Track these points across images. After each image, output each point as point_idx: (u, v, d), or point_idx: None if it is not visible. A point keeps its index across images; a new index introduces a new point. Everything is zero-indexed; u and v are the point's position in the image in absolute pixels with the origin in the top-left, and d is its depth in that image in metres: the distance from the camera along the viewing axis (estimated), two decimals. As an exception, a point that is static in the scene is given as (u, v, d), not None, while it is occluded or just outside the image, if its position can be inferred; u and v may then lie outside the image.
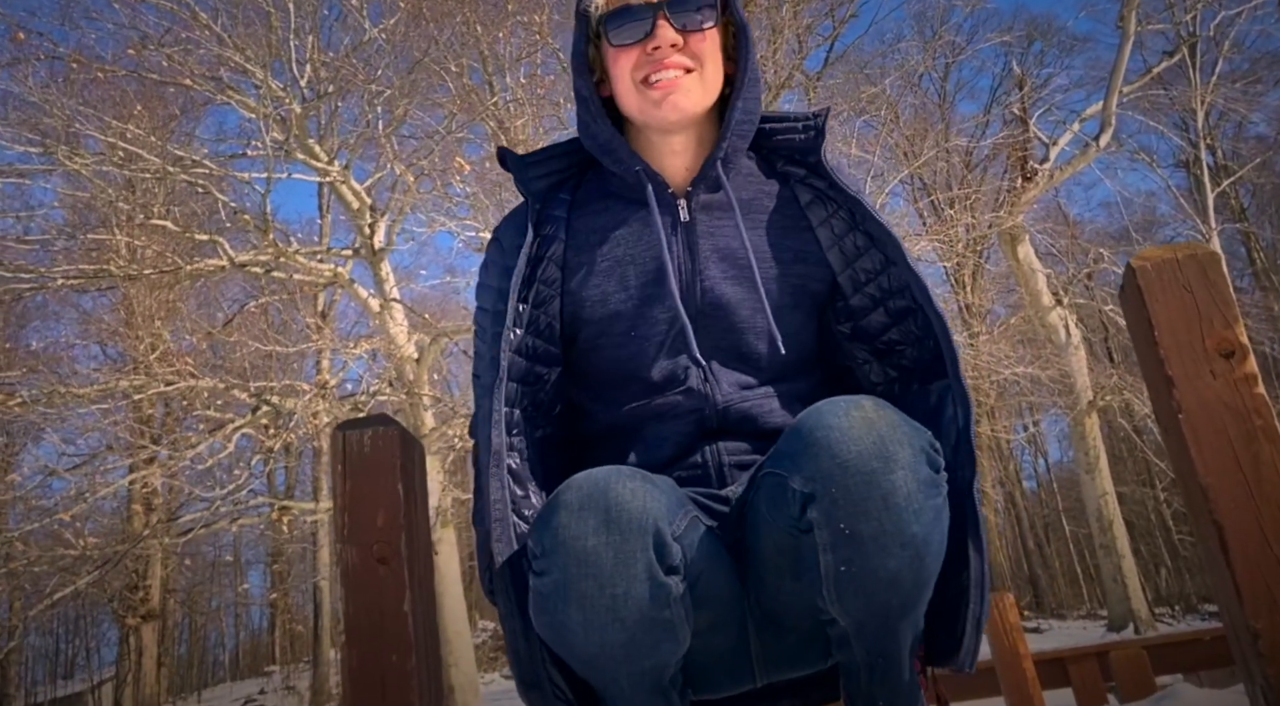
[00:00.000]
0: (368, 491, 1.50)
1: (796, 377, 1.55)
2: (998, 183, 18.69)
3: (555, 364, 1.54)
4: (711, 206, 1.54)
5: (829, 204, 1.55)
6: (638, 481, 1.19)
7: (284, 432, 10.97)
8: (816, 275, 1.55)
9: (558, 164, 1.62)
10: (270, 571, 30.24)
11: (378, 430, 1.53)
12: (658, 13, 1.47)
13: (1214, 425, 1.23)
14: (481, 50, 14.89)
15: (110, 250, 12.03)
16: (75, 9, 12.60)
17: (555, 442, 1.55)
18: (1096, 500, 17.00)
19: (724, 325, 1.50)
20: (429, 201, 13.58)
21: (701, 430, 1.48)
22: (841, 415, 1.15)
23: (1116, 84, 17.34)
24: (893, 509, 1.11)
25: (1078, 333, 17.83)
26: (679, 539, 1.20)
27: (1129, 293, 1.36)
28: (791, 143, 1.58)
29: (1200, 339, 1.26)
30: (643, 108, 1.51)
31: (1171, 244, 1.33)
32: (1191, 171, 23.41)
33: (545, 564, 1.16)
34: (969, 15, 19.69)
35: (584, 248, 1.54)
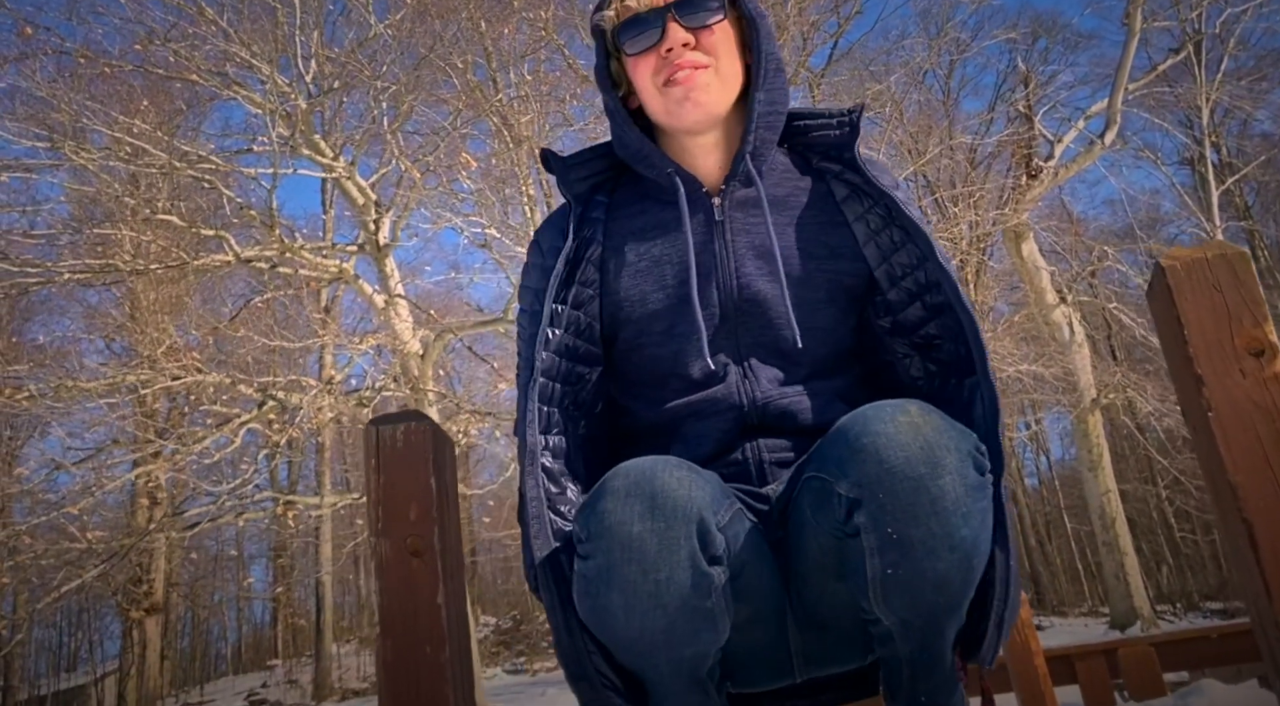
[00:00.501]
0: (401, 485, 1.52)
1: (835, 374, 1.56)
2: (1002, 180, 18.69)
3: (596, 363, 1.57)
4: (746, 203, 1.56)
5: (865, 199, 1.57)
6: (684, 470, 1.20)
7: (289, 428, 11.00)
8: (852, 270, 1.56)
9: (598, 166, 1.65)
10: (273, 565, 30.32)
11: (410, 425, 1.55)
12: (665, 15, 1.50)
13: (1243, 423, 1.25)
14: (485, 46, 14.90)
15: (116, 245, 12.05)
16: (82, 4, 12.65)
17: (597, 440, 1.58)
18: (1099, 497, 17.01)
19: (762, 321, 1.51)
20: (434, 197, 13.60)
21: (741, 427, 1.49)
22: (888, 420, 1.17)
23: (1122, 81, 17.32)
24: (941, 513, 1.13)
25: (1081, 330, 17.83)
26: (723, 529, 1.21)
27: (1157, 291, 1.37)
28: (826, 138, 1.60)
29: (1230, 338, 1.27)
30: (667, 109, 1.53)
31: (1201, 243, 1.34)
32: (1196, 169, 23.38)
33: (590, 548, 1.17)
34: (974, 12, 19.66)
35: (622, 249, 1.57)
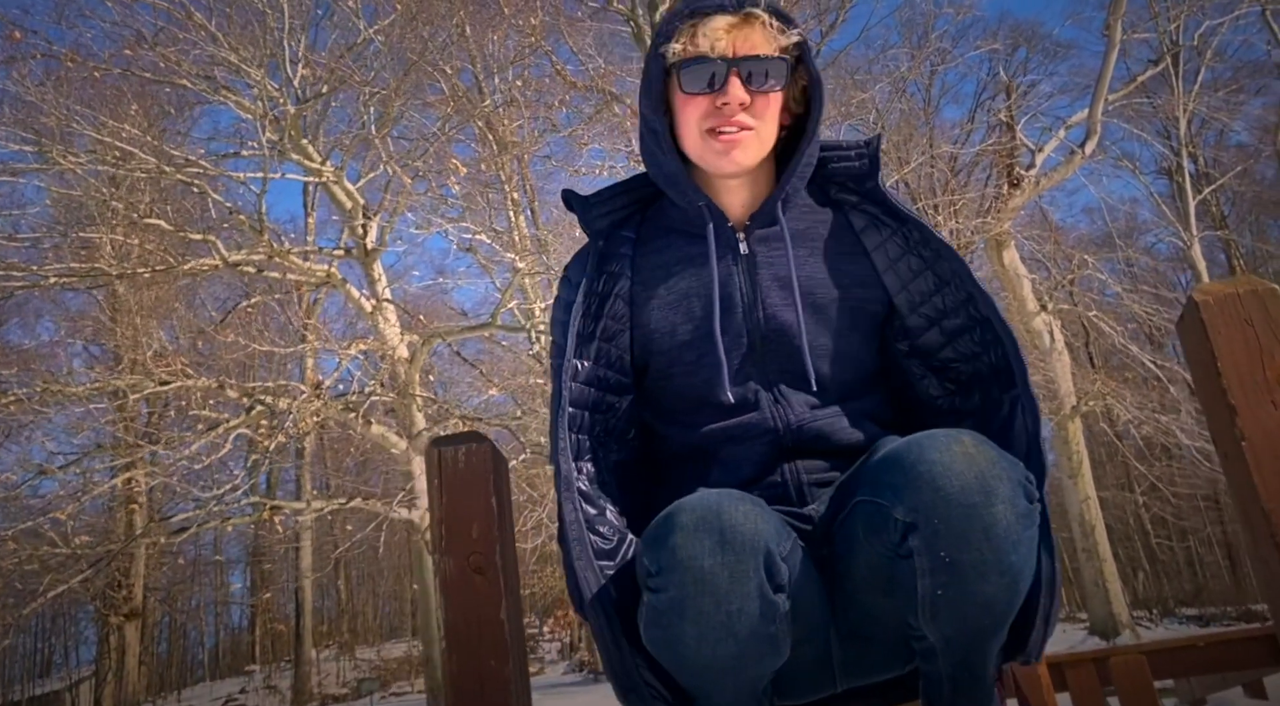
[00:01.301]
0: (463, 505, 1.57)
1: (862, 395, 1.62)
2: (983, 189, 18.86)
3: (626, 392, 1.64)
4: (769, 238, 1.61)
5: (883, 228, 1.63)
6: (748, 504, 1.26)
7: (278, 433, 10.99)
8: (874, 298, 1.62)
9: (619, 201, 1.70)
10: (250, 570, 30.12)
11: (471, 446, 1.61)
12: (731, 69, 1.53)
13: (1275, 452, 1.32)
14: (471, 51, 14.94)
15: (101, 249, 12.01)
16: (70, 8, 12.60)
17: (631, 464, 1.64)
18: (1079, 504, 17.20)
19: (789, 349, 1.57)
20: (423, 203, 13.61)
21: (778, 450, 1.55)
22: (943, 449, 1.22)
23: (1102, 91, 17.53)
24: (993, 540, 1.18)
25: (1061, 338, 18.02)
26: (785, 559, 1.27)
27: (1190, 324, 1.45)
28: (847, 170, 1.65)
29: (1261, 369, 1.35)
30: (704, 155, 1.58)
31: (1231, 279, 1.42)
32: (1174, 179, 23.68)
33: (662, 582, 1.22)
34: (956, 22, 19.84)
35: (650, 283, 1.63)
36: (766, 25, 1.53)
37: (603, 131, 14.92)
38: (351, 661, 28.58)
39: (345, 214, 13.44)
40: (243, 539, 27.87)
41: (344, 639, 30.48)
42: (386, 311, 13.00)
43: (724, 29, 1.52)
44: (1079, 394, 17.63)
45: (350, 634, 31.65)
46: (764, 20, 1.53)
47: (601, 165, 14.31)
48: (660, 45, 1.58)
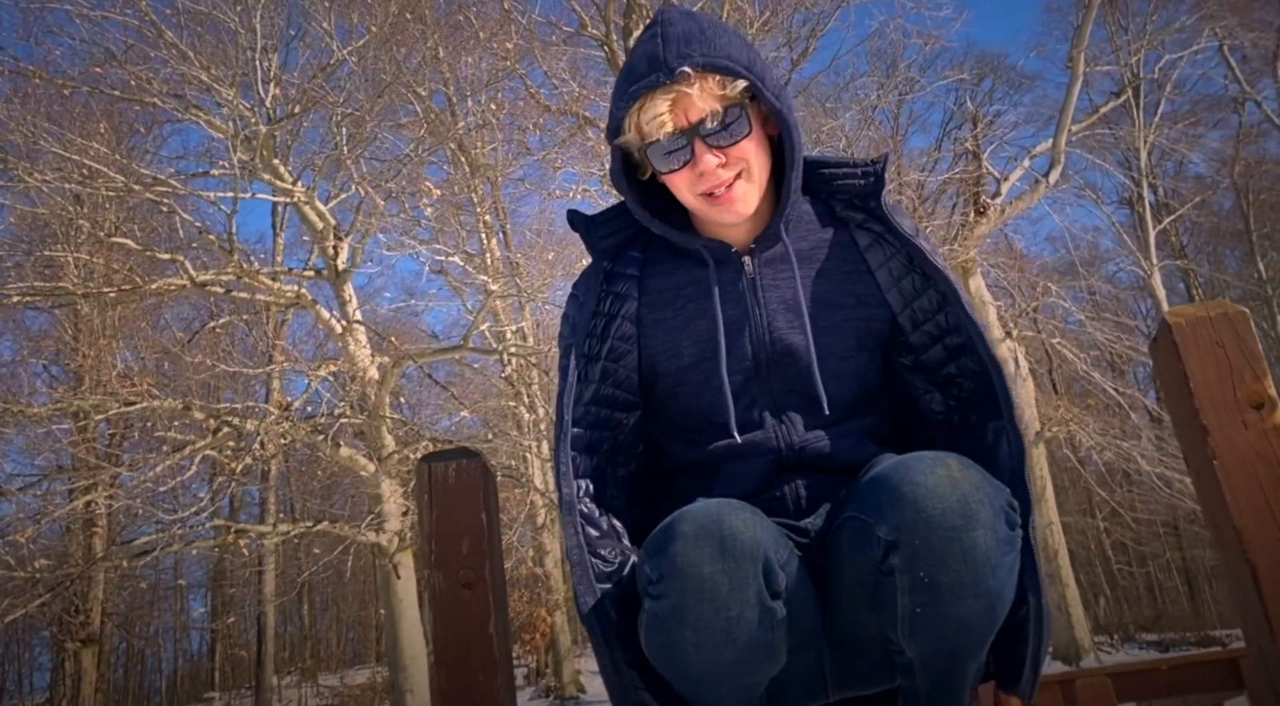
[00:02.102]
0: (453, 520, 1.59)
1: (865, 413, 1.65)
2: (950, 216, 19.09)
3: (634, 409, 1.67)
4: (774, 260, 1.64)
5: (887, 247, 1.65)
6: (747, 513, 1.29)
7: (244, 455, 10.88)
8: (878, 316, 1.65)
9: (626, 221, 1.70)
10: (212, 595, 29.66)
11: (462, 462, 1.63)
12: (693, 139, 1.52)
13: (1246, 471, 1.37)
14: (444, 74, 14.98)
15: (65, 267, 11.88)
16: (38, 25, 12.49)
17: (639, 477, 1.67)
18: (1042, 529, 17.35)
19: (795, 371, 1.60)
20: (395, 224, 13.60)
21: (779, 467, 1.58)
22: (928, 472, 1.25)
23: (1066, 122, 17.86)
24: (971, 563, 1.22)
25: (1025, 364, 18.24)
26: (783, 567, 1.30)
27: (1163, 347, 1.50)
28: (851, 187, 1.66)
29: (1232, 391, 1.40)
30: (707, 215, 1.60)
31: (1203, 302, 1.47)
32: (1134, 209, 24.10)
33: (662, 588, 1.25)
34: (925, 52, 20.14)
35: (658, 305, 1.65)
36: (705, 84, 1.51)
37: (576, 155, 15.01)
38: (314, 688, 28.16)
39: (316, 234, 13.38)
40: (205, 562, 27.47)
41: (307, 665, 30.04)
42: (357, 333, 12.93)
43: (666, 110, 1.51)
44: (1043, 420, 17.85)
45: (313, 660, 31.20)
46: (701, 80, 1.50)
47: (575, 188, 14.39)
48: (614, 138, 1.58)
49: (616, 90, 1.56)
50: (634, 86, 1.51)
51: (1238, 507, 1.36)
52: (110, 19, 11.91)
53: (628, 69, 1.55)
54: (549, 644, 20.73)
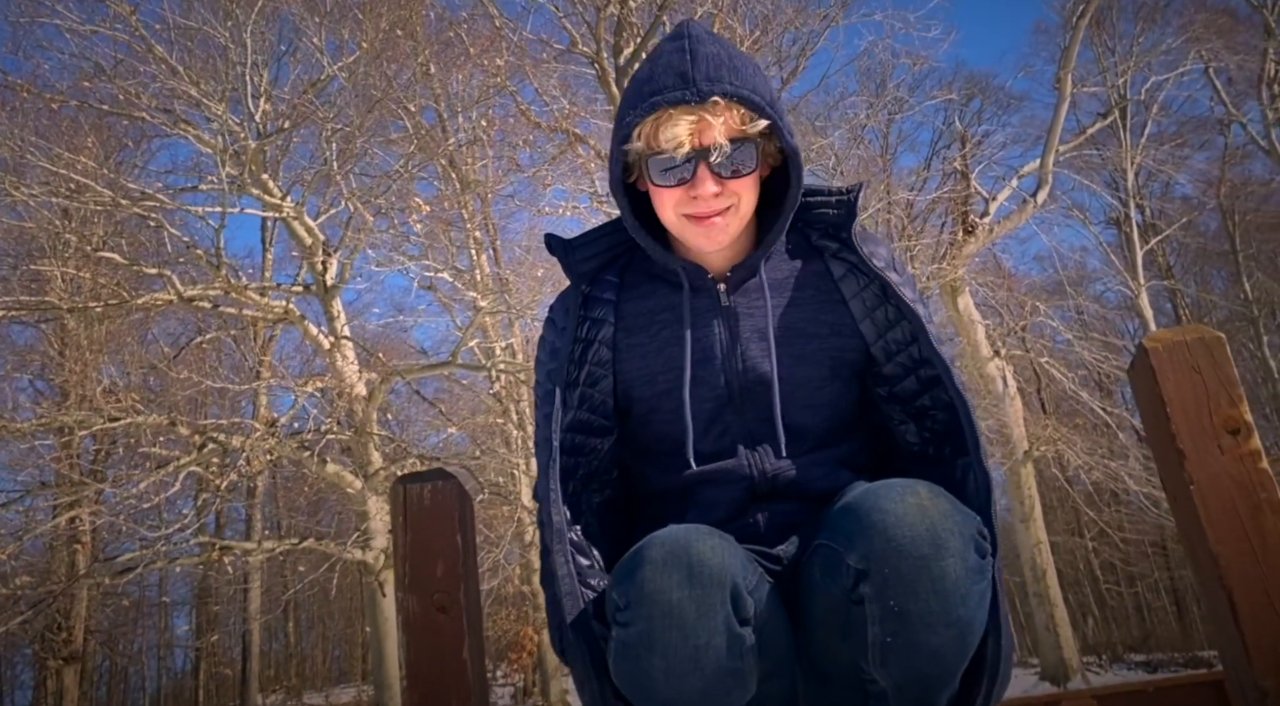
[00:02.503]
0: (428, 542, 1.58)
1: (839, 442, 1.65)
2: (939, 235, 19.17)
3: (609, 434, 1.66)
4: (750, 289, 1.64)
5: (861, 277, 1.64)
6: (716, 539, 1.28)
7: (230, 471, 10.82)
8: (852, 346, 1.64)
9: (604, 244, 1.70)
10: (197, 612, 29.45)
11: (437, 484, 1.61)
12: (699, 162, 1.51)
13: (1222, 497, 1.37)
14: (435, 90, 15.01)
15: (51, 281, 11.84)
16: (28, 39, 12.49)
17: (613, 504, 1.67)
18: (1030, 549, 17.36)
19: (767, 400, 1.59)
20: (384, 240, 13.59)
21: (752, 495, 1.58)
22: (898, 500, 1.25)
23: (1053, 143, 17.99)
24: (941, 592, 1.21)
25: (1014, 383, 18.27)
26: (752, 592, 1.29)
27: (1140, 371, 1.50)
28: (825, 217, 1.66)
29: (1209, 416, 1.40)
30: (684, 236, 1.59)
31: (1180, 326, 1.47)
32: (1121, 229, 24.24)
33: (630, 616, 1.24)
34: (913, 72, 20.27)
35: (633, 330, 1.64)
36: (729, 113, 1.50)
37: (566, 172, 15.04)
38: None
39: (305, 250, 13.37)
40: (189, 579, 27.25)
41: (292, 683, 29.82)
42: (344, 348, 12.90)
43: (686, 128, 1.49)
44: (1031, 439, 17.86)
45: (299, 678, 30.97)
46: (726, 108, 1.49)
47: (564, 205, 14.40)
48: (622, 144, 1.56)
49: (633, 95, 1.53)
50: (656, 97, 1.49)
51: (1214, 533, 1.36)
52: (100, 33, 11.92)
53: (648, 77, 1.53)
54: (536, 663, 20.62)
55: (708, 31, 1.57)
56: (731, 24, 15.49)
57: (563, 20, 15.39)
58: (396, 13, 13.07)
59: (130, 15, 11.51)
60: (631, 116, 1.51)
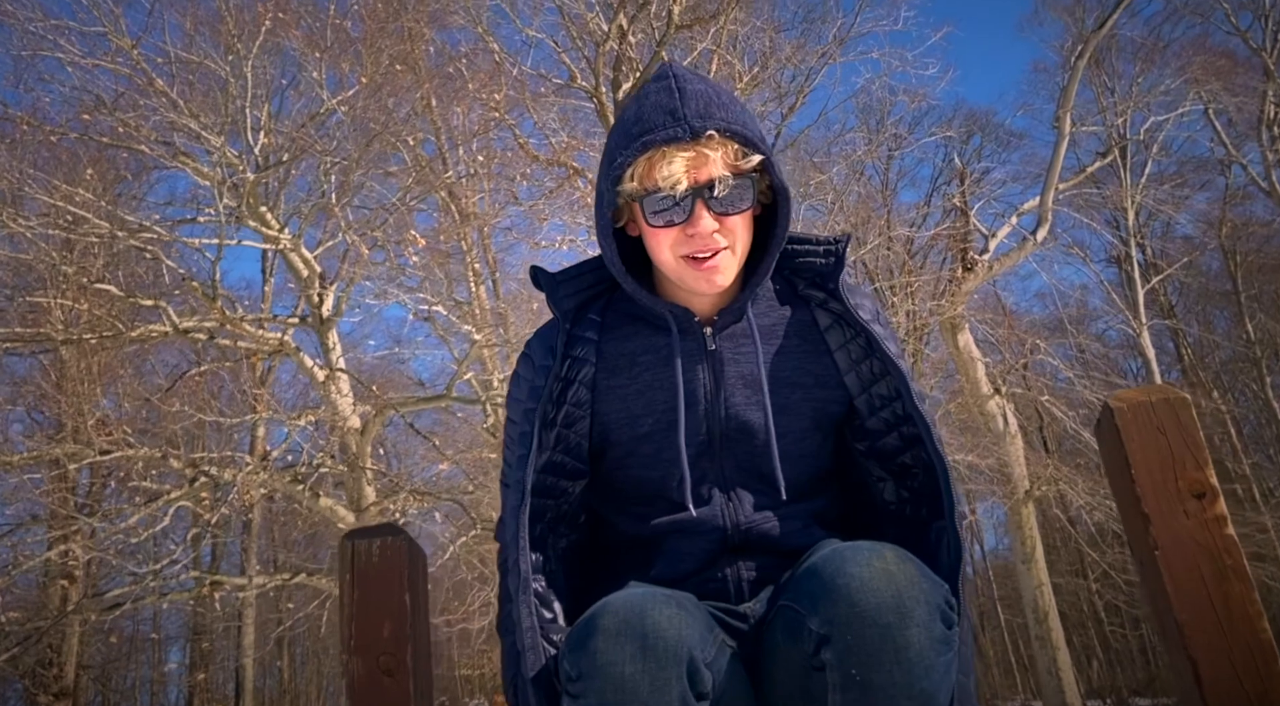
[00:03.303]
0: (375, 601, 1.53)
1: (815, 496, 1.61)
2: (938, 272, 19.18)
3: (581, 478, 1.61)
4: (736, 335, 1.60)
5: (847, 329, 1.61)
6: (673, 607, 1.23)
7: (221, 505, 10.75)
8: (836, 397, 1.61)
9: (588, 281, 1.66)
10: (191, 647, 29.21)
11: (386, 539, 1.56)
12: (696, 200, 1.48)
13: (1188, 563, 1.32)
14: (435, 123, 15.08)
15: (48, 313, 11.82)
16: (29, 73, 12.57)
17: (578, 550, 1.61)
18: (1032, 590, 17.19)
19: (747, 449, 1.56)
20: (381, 272, 13.59)
21: (723, 547, 1.53)
22: (864, 564, 1.20)
23: (1052, 181, 18.03)
24: (904, 663, 1.16)
25: (1015, 422, 18.18)
26: (709, 665, 1.24)
27: (1106, 431, 1.45)
28: (812, 266, 1.63)
29: (1174, 479, 1.35)
30: (681, 278, 1.54)
31: (1145, 386, 1.43)
32: (1122, 268, 24.25)
33: (581, 687, 1.19)
34: (912, 109, 20.38)
35: (614, 371, 1.60)
36: (725, 149, 1.48)
37: (563, 205, 15.06)
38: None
39: (302, 282, 13.37)
40: (182, 614, 27.07)
41: (285, 718, 29.53)
42: (339, 381, 12.86)
43: (682, 165, 1.47)
44: (1032, 478, 17.73)
45: (292, 713, 30.68)
46: (720, 147, 1.48)
47: (562, 238, 14.42)
48: (614, 184, 1.53)
49: (622, 136, 1.51)
50: (648, 136, 1.46)
51: (1179, 601, 1.31)
52: (102, 67, 11.99)
53: (636, 117, 1.50)
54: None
55: (692, 71, 1.56)
56: (730, 60, 15.59)
57: (562, 55, 15.49)
58: (397, 47, 13.16)
59: (131, 49, 11.59)
60: (623, 156, 1.48)
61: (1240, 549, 1.30)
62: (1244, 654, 1.26)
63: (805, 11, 18.38)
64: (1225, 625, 1.28)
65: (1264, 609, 1.26)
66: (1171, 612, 1.31)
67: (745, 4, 15.56)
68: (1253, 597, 1.26)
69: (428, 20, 14.38)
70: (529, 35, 15.60)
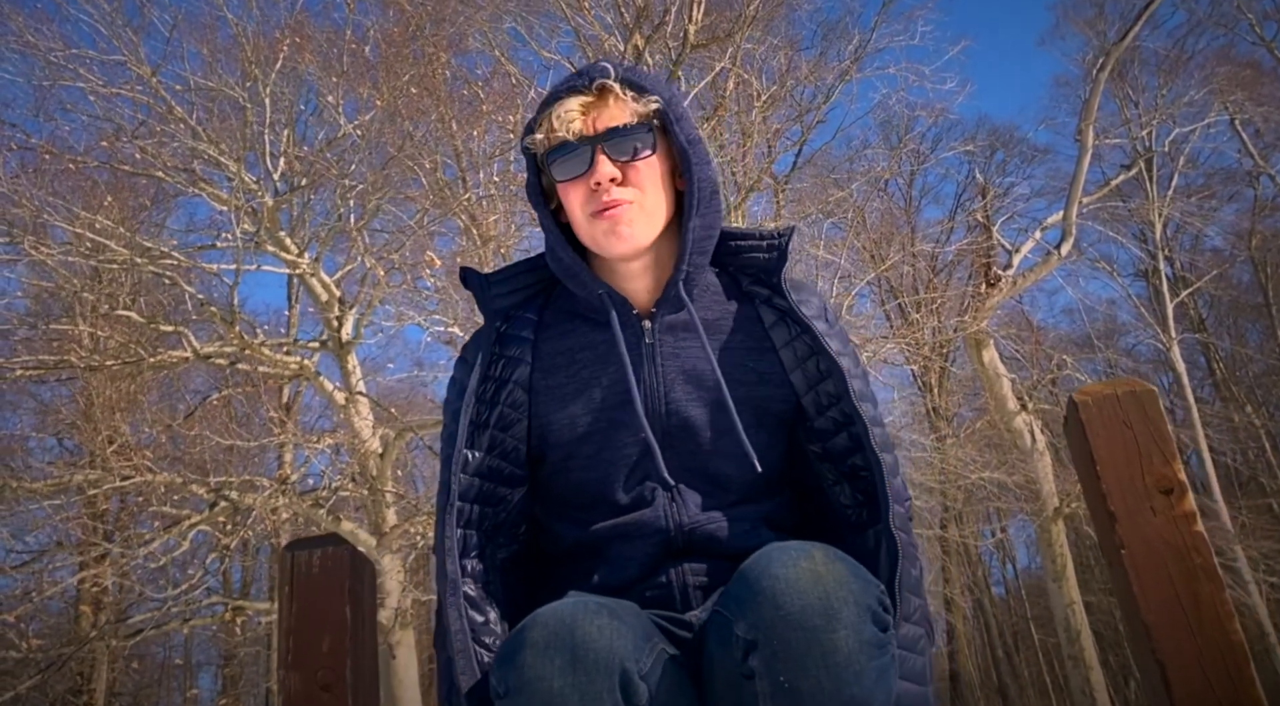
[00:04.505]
0: (314, 614, 1.47)
1: (764, 499, 1.55)
2: (962, 288, 19.05)
3: (519, 485, 1.55)
4: (676, 327, 1.55)
5: (792, 326, 1.56)
6: (604, 617, 1.18)
7: (241, 529, 10.77)
8: (779, 396, 1.55)
9: (524, 280, 1.63)
10: (222, 674, 29.30)
11: (327, 550, 1.51)
12: (595, 147, 1.49)
13: (1155, 562, 1.24)
14: (455, 146, 15.17)
15: (72, 340, 11.93)
16: (51, 102, 12.76)
17: (518, 562, 1.55)
18: (1064, 609, 16.90)
19: (690, 447, 1.50)
20: (399, 295, 13.64)
21: (667, 551, 1.47)
22: (790, 565, 1.15)
23: (1076, 195, 17.85)
24: (832, 668, 1.10)
25: (1043, 438, 17.95)
26: (645, 677, 1.18)
27: (1072, 426, 1.39)
28: (755, 261, 1.59)
29: (1140, 475, 1.28)
30: (595, 239, 1.52)
31: (1112, 379, 1.36)
32: (1150, 282, 23.96)
33: (509, 703, 1.14)
34: (933, 124, 20.31)
35: (551, 370, 1.55)
36: (620, 96, 1.50)
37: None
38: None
39: (321, 306, 13.44)
40: (214, 640, 27.15)
41: (314, 743, 29.52)
42: (359, 404, 12.89)
43: (578, 109, 1.49)
44: (1061, 495, 17.47)
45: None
46: (617, 92, 1.50)
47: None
48: (524, 138, 1.55)
49: (542, 100, 1.56)
50: (557, 89, 1.53)
51: (1146, 601, 1.23)
52: (122, 95, 12.15)
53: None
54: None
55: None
56: (748, 79, 15.60)
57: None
58: (414, 71, 13.25)
59: (151, 77, 11.75)
60: (536, 113, 1.55)
61: (1209, 546, 1.23)
62: (1214, 656, 1.18)
63: (823, 29, 18.41)
64: (1194, 626, 1.20)
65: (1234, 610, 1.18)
66: (1139, 613, 1.23)
67: (761, 23, 15.59)
68: (1223, 597, 1.19)
69: (445, 44, 14.48)
70: (546, 58, 15.71)
